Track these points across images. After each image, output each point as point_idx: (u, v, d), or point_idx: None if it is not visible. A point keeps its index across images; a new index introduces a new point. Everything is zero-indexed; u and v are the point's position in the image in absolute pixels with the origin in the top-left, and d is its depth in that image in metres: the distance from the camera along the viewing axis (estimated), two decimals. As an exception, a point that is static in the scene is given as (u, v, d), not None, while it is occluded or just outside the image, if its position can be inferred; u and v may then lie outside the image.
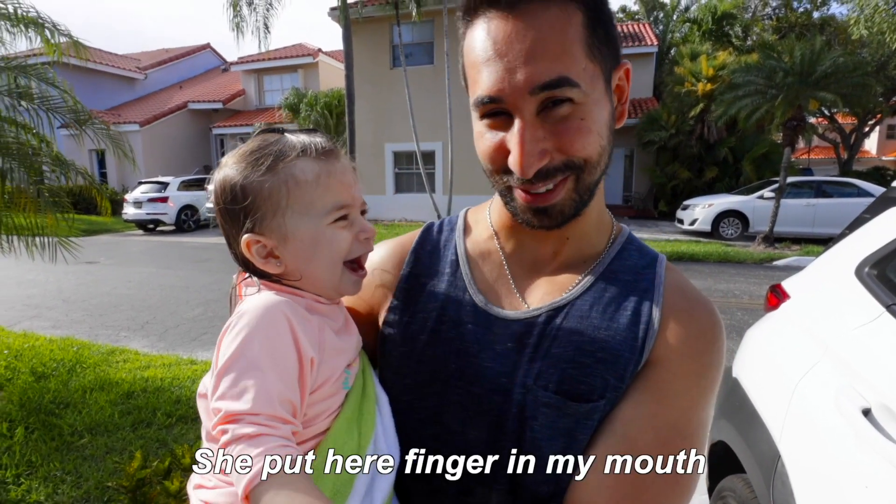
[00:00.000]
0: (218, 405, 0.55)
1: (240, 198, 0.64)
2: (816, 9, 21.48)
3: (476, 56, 0.59)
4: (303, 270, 0.66)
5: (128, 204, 14.85)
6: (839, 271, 1.65)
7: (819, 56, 9.94)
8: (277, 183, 0.63)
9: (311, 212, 0.64)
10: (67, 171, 3.55)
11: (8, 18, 3.28)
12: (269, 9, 11.79)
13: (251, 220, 0.64)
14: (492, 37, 0.57)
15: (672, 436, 0.61)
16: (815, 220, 11.30)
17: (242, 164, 0.65)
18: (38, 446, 2.99)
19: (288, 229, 0.64)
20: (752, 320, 5.86)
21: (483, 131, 0.62)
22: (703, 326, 0.65)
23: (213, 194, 0.67)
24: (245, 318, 0.59)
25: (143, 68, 23.81)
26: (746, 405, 1.73)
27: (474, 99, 0.60)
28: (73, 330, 5.60)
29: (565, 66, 0.55)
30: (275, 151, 0.64)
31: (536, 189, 0.60)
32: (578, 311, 0.67)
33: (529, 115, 0.57)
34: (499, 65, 0.56)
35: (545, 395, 0.63)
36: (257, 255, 0.65)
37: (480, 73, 0.58)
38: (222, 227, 0.68)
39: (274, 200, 0.63)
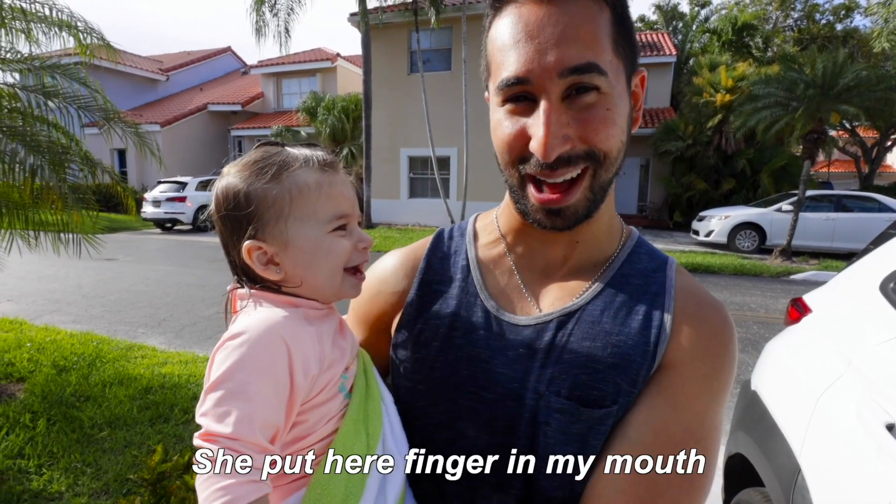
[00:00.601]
0: (201, 420, 0.57)
1: (243, 205, 0.65)
2: (839, 21, 21.22)
3: (505, 40, 0.59)
4: (303, 276, 0.67)
5: (146, 203, 15.11)
6: (863, 286, 1.64)
7: (842, 69, 9.82)
8: (281, 191, 0.65)
9: (313, 220, 0.66)
10: (94, 169, 3.65)
11: (44, 21, 3.39)
12: (290, 13, 11.99)
13: (253, 226, 0.65)
14: (524, 20, 0.57)
15: (686, 439, 0.61)
16: (835, 235, 11.12)
17: (246, 173, 0.66)
18: (60, 438, 3.05)
19: (289, 236, 0.65)
20: (768, 334, 5.81)
21: (502, 119, 0.61)
22: (714, 328, 0.65)
23: (214, 202, 0.68)
24: (241, 338, 0.59)
25: (165, 70, 24.27)
26: (766, 418, 1.72)
27: (499, 81, 0.60)
28: (92, 325, 5.71)
29: (595, 53, 0.56)
30: (278, 161, 0.66)
31: (555, 178, 0.60)
32: (590, 317, 0.67)
33: (555, 98, 0.57)
34: (529, 46, 0.56)
35: (558, 400, 0.63)
36: (258, 261, 0.66)
37: (508, 55, 0.58)
38: (221, 234, 0.69)
39: (277, 208, 0.65)
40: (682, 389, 0.62)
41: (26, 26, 3.50)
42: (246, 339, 0.59)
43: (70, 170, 3.43)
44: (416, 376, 0.73)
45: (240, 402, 0.56)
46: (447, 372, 0.70)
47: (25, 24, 3.49)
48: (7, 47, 3.56)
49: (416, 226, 15.73)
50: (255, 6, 11.82)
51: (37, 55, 3.65)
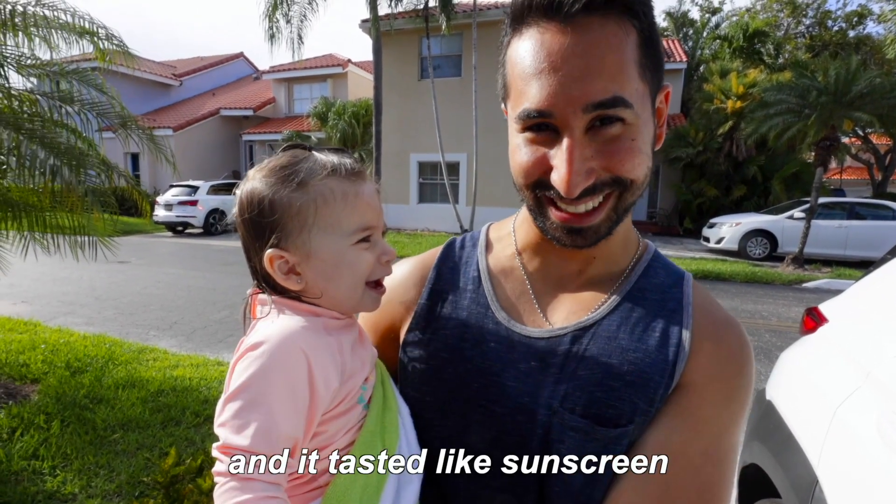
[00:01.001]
0: (219, 431, 0.56)
1: (267, 212, 0.63)
2: (852, 28, 21.05)
3: (526, 67, 0.56)
4: (324, 288, 0.65)
5: (158, 206, 15.27)
6: (881, 297, 1.62)
7: (855, 76, 9.75)
8: (307, 200, 0.63)
9: (337, 231, 0.64)
10: (111, 173, 3.70)
11: (64, 27, 3.45)
12: (303, 20, 12.11)
13: (277, 235, 0.63)
14: (546, 49, 0.54)
15: (704, 462, 0.60)
16: (848, 243, 10.99)
17: (272, 179, 0.64)
18: (73, 439, 3.08)
19: (312, 247, 0.64)
20: (780, 342, 5.75)
21: (521, 144, 0.60)
22: (733, 349, 0.64)
23: (238, 205, 0.67)
24: (262, 348, 0.58)
25: (179, 75, 24.58)
26: (782, 428, 1.70)
27: (520, 111, 0.57)
28: (104, 327, 5.77)
29: (620, 85, 0.54)
30: (305, 168, 0.64)
31: (577, 208, 0.59)
32: (606, 332, 0.65)
33: (579, 133, 0.55)
34: (552, 79, 0.54)
35: (572, 418, 0.62)
36: (279, 270, 0.64)
37: (530, 86, 0.56)
38: (244, 239, 0.67)
39: (302, 217, 0.63)
40: (700, 411, 0.61)
41: (47, 33, 3.58)
42: (266, 350, 0.58)
43: (87, 174, 3.49)
44: (425, 388, 0.72)
45: (259, 413, 0.55)
46: (456, 384, 0.69)
47: (47, 31, 3.56)
48: (28, 54, 3.64)
49: (426, 231, 15.76)
50: (268, 13, 11.96)
51: (56, 61, 3.73)
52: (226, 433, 0.56)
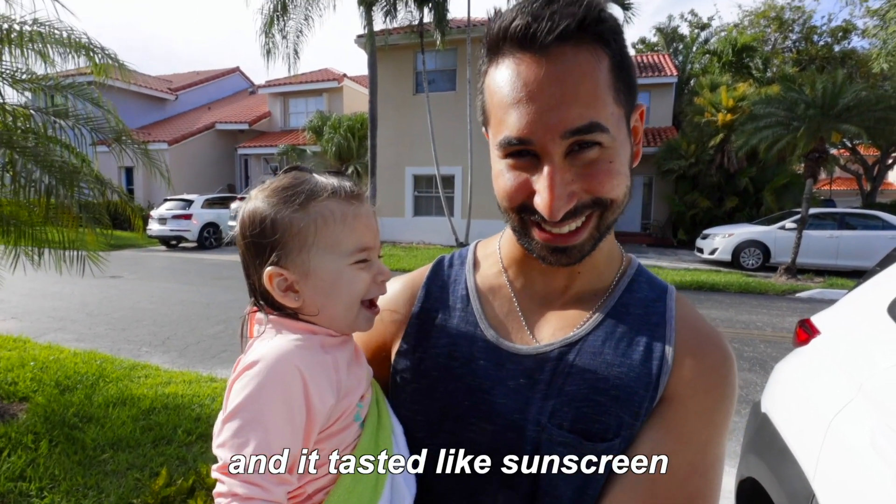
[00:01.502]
0: (218, 452, 0.57)
1: (269, 231, 0.65)
2: (837, 42, 21.48)
3: (503, 96, 0.58)
4: (320, 306, 0.67)
5: (152, 220, 15.22)
6: (871, 308, 1.63)
7: (841, 89, 9.92)
8: (307, 220, 0.65)
9: (336, 251, 0.66)
10: (105, 189, 3.69)
11: (61, 43, 3.47)
12: (299, 36, 12.23)
13: (277, 253, 0.65)
14: (522, 79, 0.56)
15: (689, 473, 0.61)
16: (839, 253, 11.09)
17: (274, 199, 0.66)
18: (62, 460, 3.03)
19: (311, 266, 0.65)
20: (775, 352, 5.76)
21: (504, 170, 0.61)
22: (715, 361, 0.65)
23: (239, 224, 0.68)
24: (258, 367, 0.60)
25: (175, 89, 24.69)
26: (777, 442, 1.70)
27: (500, 139, 0.59)
28: (96, 343, 5.71)
29: (596, 111, 0.56)
30: (307, 190, 0.66)
31: (560, 229, 0.60)
32: (591, 348, 0.66)
33: (559, 159, 0.57)
34: (530, 107, 0.56)
35: (560, 433, 0.63)
36: (278, 287, 0.65)
37: (508, 115, 0.57)
38: (243, 257, 0.69)
39: (302, 237, 0.64)
40: (684, 423, 0.62)
41: (43, 49, 3.59)
42: (262, 368, 0.59)
43: (80, 189, 3.47)
44: (416, 406, 0.72)
45: (257, 432, 0.56)
46: (447, 402, 0.69)
47: (42, 47, 3.57)
48: (23, 69, 3.64)
49: (421, 243, 15.77)
50: (265, 29, 12.07)
51: (51, 75, 3.73)
52: (225, 453, 0.56)
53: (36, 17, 3.56)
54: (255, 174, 22.12)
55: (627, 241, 16.83)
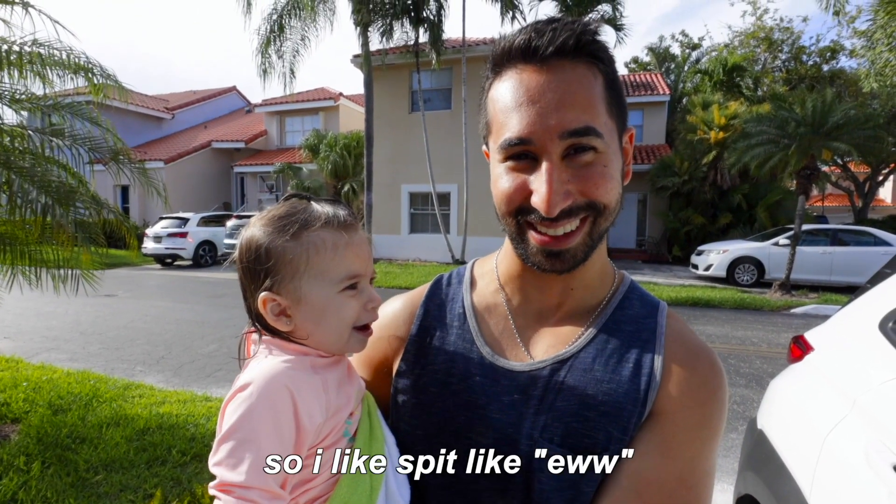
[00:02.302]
0: (215, 470, 0.60)
1: (263, 259, 0.68)
2: (826, 62, 21.92)
3: (506, 102, 0.63)
4: (310, 331, 0.69)
5: (147, 238, 15.18)
6: (863, 325, 1.65)
7: (830, 107, 10.10)
8: (300, 250, 0.68)
9: (325, 279, 0.69)
10: (101, 209, 3.70)
11: (60, 65, 3.51)
12: (295, 56, 12.39)
13: (271, 279, 0.68)
14: (524, 85, 0.61)
15: (678, 487, 0.61)
16: (833, 269, 11.17)
17: (270, 228, 0.70)
18: (54, 482, 2.98)
19: (302, 293, 0.68)
20: (771, 368, 5.76)
21: (503, 173, 0.65)
22: (704, 376, 0.66)
23: (238, 250, 0.72)
24: (249, 389, 0.62)
25: (171, 108, 24.84)
26: (774, 458, 1.70)
27: (501, 141, 0.63)
28: (89, 363, 5.66)
29: (591, 116, 0.60)
30: (301, 220, 0.69)
31: (556, 230, 0.63)
32: (582, 364, 0.68)
33: (556, 159, 0.60)
34: (531, 110, 0.60)
35: (552, 448, 0.64)
36: (271, 312, 0.69)
37: (510, 118, 0.62)
38: (241, 281, 0.73)
39: (294, 265, 0.68)
40: (673, 438, 0.63)
41: (42, 70, 3.63)
42: (253, 391, 0.62)
43: (76, 208, 3.48)
44: (415, 421, 0.74)
45: (250, 451, 0.59)
46: (444, 417, 0.72)
47: (41, 68, 3.62)
48: (22, 89, 3.68)
49: (417, 261, 15.78)
50: (261, 49, 12.24)
51: (49, 95, 3.77)
52: (221, 471, 0.59)
53: (35, 38, 3.61)
54: (251, 192, 22.17)
55: (623, 258, 16.90)
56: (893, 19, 9.21)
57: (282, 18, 12.26)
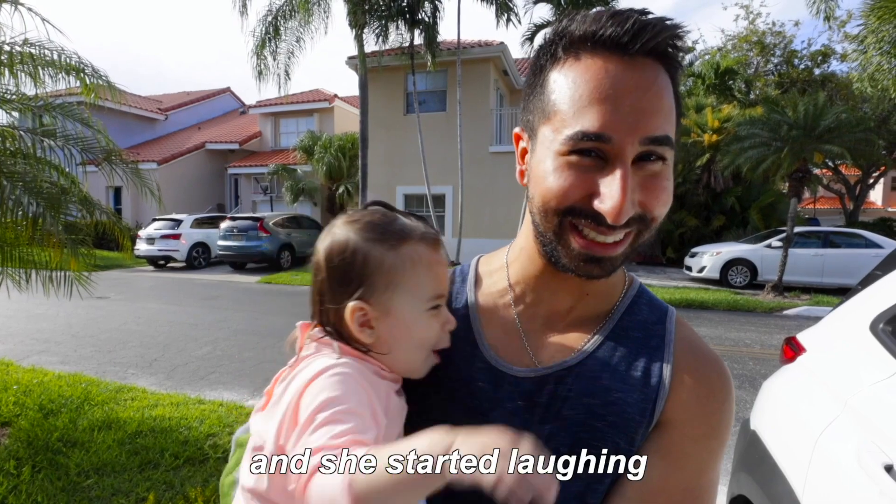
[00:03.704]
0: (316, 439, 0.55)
1: (359, 264, 0.66)
2: (817, 66, 22.12)
3: (585, 91, 0.56)
4: (392, 346, 0.68)
5: (140, 240, 15.08)
6: (854, 326, 1.67)
7: (822, 111, 10.19)
8: (398, 261, 0.66)
9: (417, 295, 0.67)
10: (93, 210, 3.67)
11: (52, 65, 3.48)
12: (290, 57, 12.36)
13: (364, 288, 0.66)
14: (611, 76, 0.56)
15: (684, 497, 0.61)
16: (824, 270, 11.26)
17: (368, 234, 0.67)
18: (45, 486, 2.95)
19: (393, 305, 0.66)
20: (764, 370, 5.79)
21: (561, 167, 0.58)
22: (713, 386, 0.65)
23: (325, 251, 0.69)
24: (336, 370, 0.61)
25: (165, 109, 24.71)
26: (767, 459, 1.71)
27: (572, 132, 0.56)
28: (81, 366, 5.60)
29: (670, 125, 0.58)
30: (398, 229, 0.68)
31: (606, 237, 0.59)
32: (589, 372, 0.66)
33: (629, 163, 0.56)
34: (615, 106, 0.55)
35: (557, 457, 0.63)
36: (356, 321, 0.66)
37: (589, 108, 0.56)
38: (321, 283, 0.69)
39: (390, 276, 0.66)
40: (680, 448, 0.63)
41: (34, 70, 3.60)
42: (340, 373, 0.61)
43: (68, 210, 3.45)
44: (416, 428, 0.71)
45: (352, 419, 0.57)
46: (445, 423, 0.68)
47: (33, 68, 3.59)
48: (13, 89, 3.65)
49: (411, 262, 15.74)
50: (256, 51, 12.20)
51: (41, 95, 3.74)
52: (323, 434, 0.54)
53: (27, 38, 3.59)
54: (245, 194, 22.08)
55: (617, 260, 16.92)
56: (884, 23, 9.31)
57: (277, 20, 12.23)
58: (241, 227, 14.25)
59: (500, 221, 14.39)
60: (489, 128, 15.10)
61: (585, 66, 0.57)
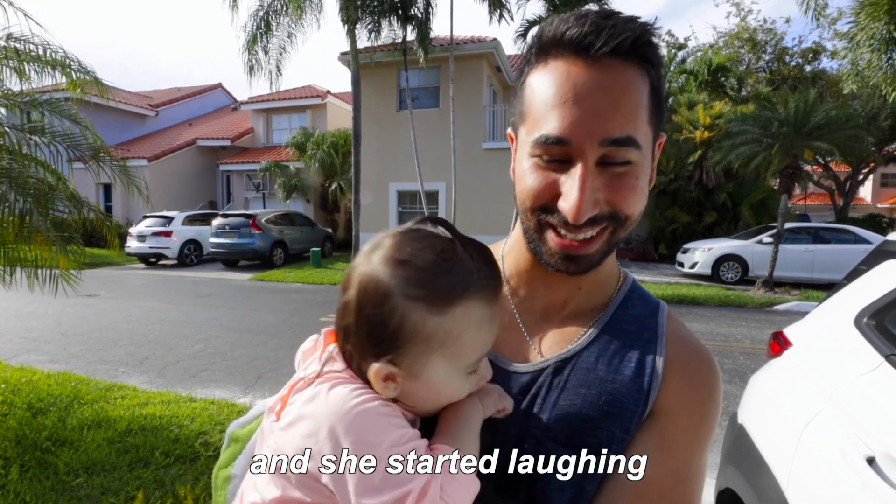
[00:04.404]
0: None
1: (395, 326, 0.56)
2: (808, 63, 22.28)
3: (548, 96, 0.58)
4: (416, 403, 0.61)
5: (131, 237, 14.96)
6: (839, 321, 1.68)
7: (812, 108, 10.26)
8: (445, 327, 0.56)
9: (458, 362, 0.58)
10: (81, 207, 3.63)
11: (38, 60, 3.44)
12: (281, 53, 12.28)
13: (395, 352, 0.56)
14: (571, 81, 0.57)
15: (674, 484, 0.63)
16: (814, 266, 11.37)
17: (413, 291, 0.55)
18: (33, 485, 2.93)
19: (425, 370, 0.57)
20: (754, 364, 5.84)
21: (531, 168, 0.61)
22: (703, 378, 0.67)
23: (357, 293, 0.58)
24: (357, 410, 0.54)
25: (155, 105, 24.49)
26: (753, 452, 1.73)
27: (537, 136, 0.59)
28: (70, 364, 5.56)
29: (634, 126, 0.58)
30: (451, 285, 0.56)
31: (576, 235, 0.61)
32: (585, 363, 0.68)
33: (591, 165, 0.58)
34: (575, 109, 0.57)
35: (556, 447, 0.65)
36: (379, 377, 0.57)
37: (550, 114, 0.58)
38: (352, 327, 0.59)
39: (430, 343, 0.56)
40: (672, 436, 0.65)
41: (19, 65, 3.55)
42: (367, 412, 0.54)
43: (55, 207, 3.42)
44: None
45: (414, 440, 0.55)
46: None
47: (18, 64, 3.54)
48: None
49: (404, 259, 15.71)
50: (247, 46, 12.11)
51: (27, 91, 3.69)
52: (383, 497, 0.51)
53: (11, 33, 3.53)
54: (237, 191, 21.94)
55: (610, 256, 16.99)
56: (874, 21, 9.37)
57: (268, 15, 12.14)
58: (233, 224, 14.17)
59: (493, 218, 14.40)
60: (482, 124, 15.08)
61: (552, 70, 0.59)
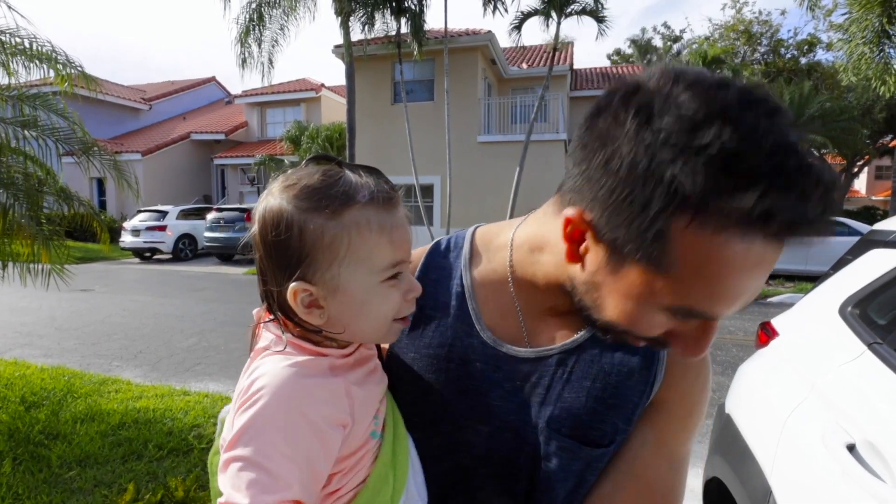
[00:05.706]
0: (222, 486, 0.53)
1: (296, 240, 0.57)
2: (803, 55, 22.29)
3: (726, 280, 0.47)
4: (347, 324, 0.61)
5: (125, 232, 14.89)
6: (824, 310, 1.70)
7: (807, 99, 10.30)
8: (341, 230, 0.57)
9: (369, 266, 0.59)
10: (71, 202, 3.62)
11: (24, 54, 3.40)
12: (274, 45, 12.19)
13: (304, 266, 0.57)
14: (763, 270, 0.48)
15: (668, 470, 0.67)
16: (808, 258, 11.42)
17: (304, 203, 0.57)
18: (26, 478, 2.93)
19: (341, 282, 0.58)
20: (746, 356, 5.82)
21: (654, 314, 0.53)
22: (699, 370, 0.69)
23: (259, 224, 0.60)
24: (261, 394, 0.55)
25: (148, 99, 24.28)
26: (739, 441, 1.74)
27: (695, 309, 0.50)
28: (64, 358, 5.55)
29: None
30: (341, 193, 0.58)
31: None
32: (590, 355, 0.67)
33: None
34: (742, 293, 0.49)
35: (559, 438, 0.65)
36: (301, 303, 0.58)
37: (718, 296, 0.49)
38: (262, 262, 0.61)
39: (333, 249, 0.57)
40: (668, 425, 0.68)
41: (5, 58, 3.52)
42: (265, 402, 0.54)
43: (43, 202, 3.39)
44: (411, 408, 0.71)
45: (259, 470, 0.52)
46: (442, 404, 0.69)
47: (4, 57, 3.50)
48: (-17, 79, 3.56)
49: (400, 253, 15.71)
50: (240, 38, 12.01)
51: (14, 85, 3.65)
52: (227, 490, 0.52)
53: (-3, 27, 3.49)
54: (231, 185, 21.84)
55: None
56: (868, 13, 9.37)
57: (261, 7, 12.03)
58: (227, 218, 14.12)
59: (488, 211, 14.39)
60: (477, 117, 15.04)
61: (746, 250, 0.46)
